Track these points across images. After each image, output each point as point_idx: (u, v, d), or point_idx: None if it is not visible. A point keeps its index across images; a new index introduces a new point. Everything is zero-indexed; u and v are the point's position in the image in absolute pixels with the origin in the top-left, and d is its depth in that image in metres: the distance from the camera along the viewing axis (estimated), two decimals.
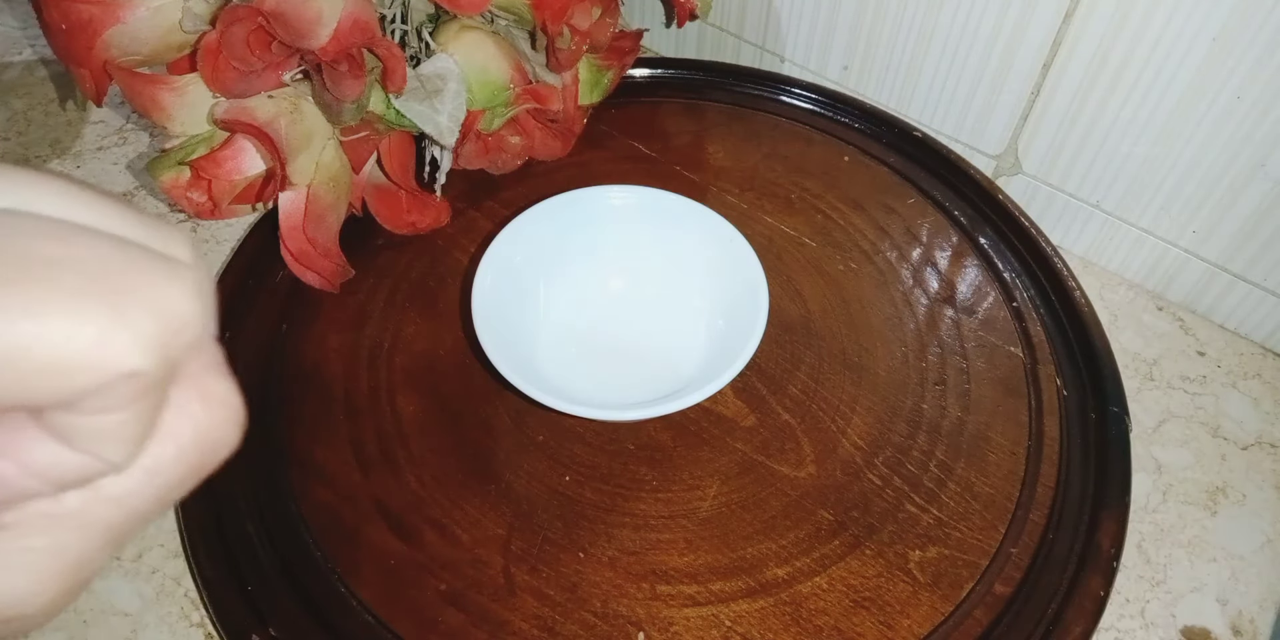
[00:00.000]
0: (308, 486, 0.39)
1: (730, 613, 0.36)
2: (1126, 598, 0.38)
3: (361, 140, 0.43)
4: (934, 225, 0.49)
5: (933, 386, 0.42)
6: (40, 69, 0.60)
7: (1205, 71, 0.40)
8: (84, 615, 0.37)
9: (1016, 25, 0.45)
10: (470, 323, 0.39)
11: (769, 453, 0.40)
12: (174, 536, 0.40)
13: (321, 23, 0.37)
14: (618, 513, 0.38)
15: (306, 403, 0.42)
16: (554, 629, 0.35)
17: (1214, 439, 0.43)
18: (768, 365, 0.43)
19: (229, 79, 0.38)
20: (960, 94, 0.50)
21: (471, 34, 0.42)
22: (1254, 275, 0.45)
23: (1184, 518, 0.40)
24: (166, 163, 0.41)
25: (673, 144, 0.53)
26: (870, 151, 0.52)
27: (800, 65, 0.56)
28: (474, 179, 0.50)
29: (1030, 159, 0.49)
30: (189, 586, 0.38)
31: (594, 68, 0.48)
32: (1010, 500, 0.38)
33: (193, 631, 0.37)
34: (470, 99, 0.42)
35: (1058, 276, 0.45)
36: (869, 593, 0.36)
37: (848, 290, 0.46)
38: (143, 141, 0.56)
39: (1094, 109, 0.45)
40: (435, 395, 0.42)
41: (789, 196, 0.50)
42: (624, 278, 0.45)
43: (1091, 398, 0.41)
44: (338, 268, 0.45)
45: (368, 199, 0.46)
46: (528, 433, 0.41)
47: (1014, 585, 0.36)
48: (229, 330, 0.44)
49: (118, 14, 0.37)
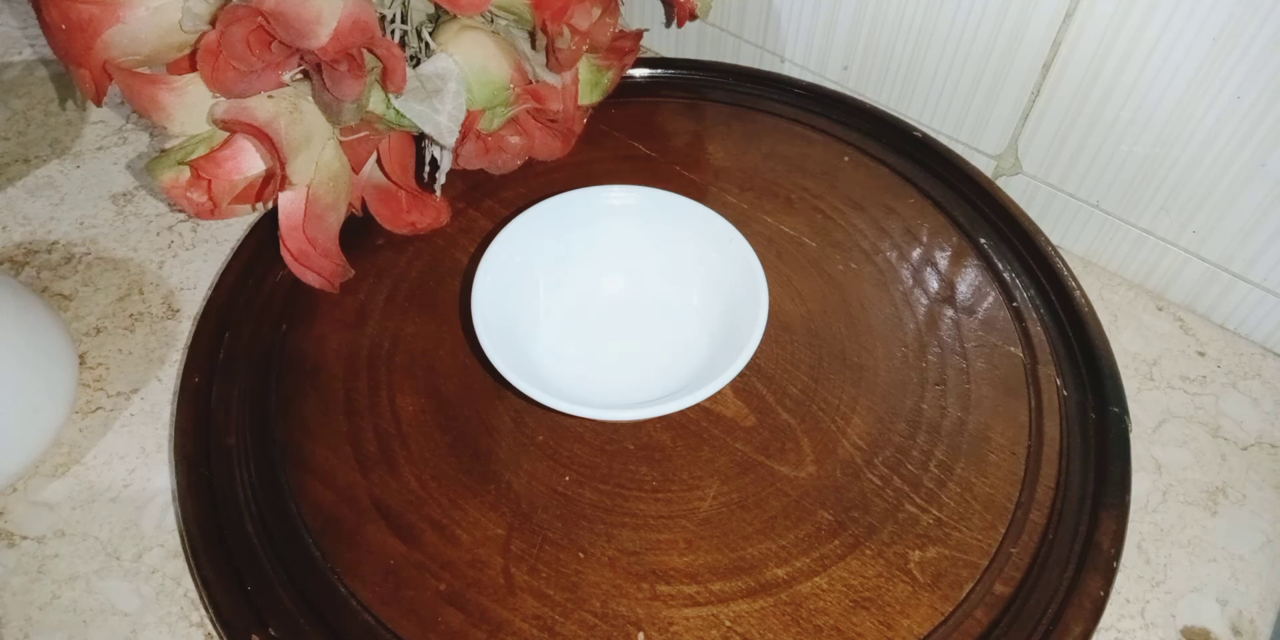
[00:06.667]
0: (308, 486, 0.39)
1: (730, 613, 0.36)
2: (1126, 598, 0.38)
3: (361, 140, 0.43)
4: (934, 225, 0.49)
5: (933, 386, 0.42)
6: (40, 69, 0.60)
7: (1205, 71, 0.40)
8: (84, 615, 0.37)
9: (1016, 25, 0.45)
10: (470, 323, 0.39)
11: (769, 453, 0.40)
12: (174, 536, 0.40)
13: (321, 23, 0.37)
14: (618, 513, 0.38)
15: (306, 403, 0.42)
16: (554, 629, 0.35)
17: (1214, 439, 0.43)
18: (768, 365, 0.43)
19: (229, 79, 0.38)
20: (960, 94, 0.50)
21: (471, 34, 0.42)
22: (1254, 275, 0.45)
23: (1184, 518, 0.40)
24: (166, 163, 0.41)
25: (672, 144, 0.53)
26: (870, 151, 0.52)
27: (800, 65, 0.56)
28: (474, 179, 0.50)
29: (1030, 159, 0.49)
30: (189, 586, 0.38)
31: (594, 68, 0.48)
32: (1010, 500, 0.38)
33: (193, 631, 0.37)
34: (470, 99, 0.42)
35: (1058, 276, 0.45)
36: (869, 593, 0.36)
37: (848, 290, 0.46)
38: (143, 141, 0.56)
39: (1094, 109, 0.45)
40: (435, 395, 0.42)
41: (789, 196, 0.50)
42: (624, 278, 0.45)
43: (1091, 398, 0.41)
44: (338, 268, 0.45)
45: (368, 199, 0.46)
46: (528, 433, 0.41)
47: (1014, 585, 0.36)
48: (229, 330, 0.44)
49: (118, 14, 0.37)
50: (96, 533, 0.40)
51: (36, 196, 0.53)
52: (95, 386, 0.45)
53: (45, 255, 0.50)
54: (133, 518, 0.40)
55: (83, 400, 0.44)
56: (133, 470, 0.42)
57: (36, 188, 0.53)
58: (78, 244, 0.51)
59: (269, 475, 0.39)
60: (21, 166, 0.55)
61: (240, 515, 0.38)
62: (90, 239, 0.51)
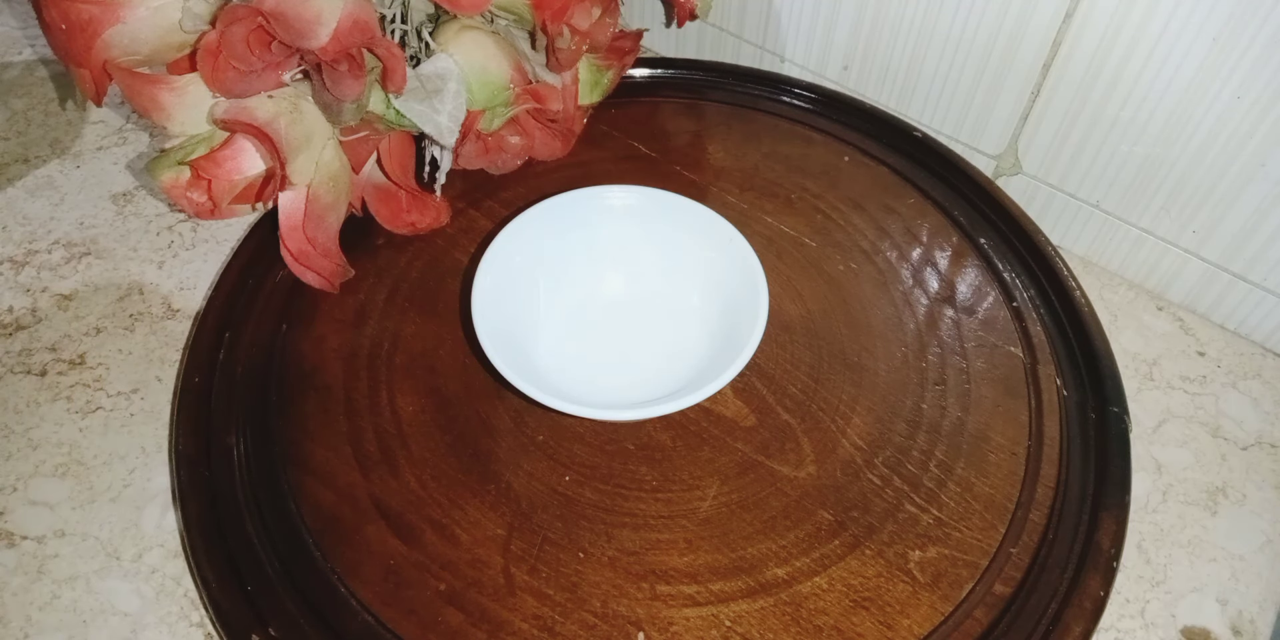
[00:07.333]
0: (308, 486, 0.39)
1: (730, 613, 0.36)
2: (1126, 598, 0.38)
3: (361, 140, 0.43)
4: (934, 225, 0.49)
5: (933, 386, 0.42)
6: (40, 69, 0.60)
7: (1205, 71, 0.40)
8: (84, 615, 0.37)
9: (1016, 25, 0.45)
10: (470, 323, 0.39)
11: (769, 453, 0.40)
12: (174, 536, 0.40)
13: (321, 23, 0.37)
14: (618, 513, 0.38)
15: (306, 403, 0.42)
16: (554, 629, 0.35)
17: (1214, 439, 0.43)
18: (768, 365, 0.43)
19: (229, 79, 0.38)
20: (960, 94, 0.50)
21: (471, 34, 0.42)
22: (1254, 275, 0.45)
23: (1184, 518, 0.40)
24: (166, 163, 0.41)
25: (673, 144, 0.53)
26: (870, 151, 0.52)
27: (800, 65, 0.56)
28: (474, 179, 0.50)
29: (1030, 159, 0.49)
30: (189, 586, 0.38)
31: (594, 68, 0.48)
32: (1010, 500, 0.38)
33: (193, 631, 0.37)
34: (470, 99, 0.42)
35: (1058, 276, 0.45)
36: (869, 593, 0.36)
37: (848, 290, 0.46)
38: (143, 141, 0.56)
39: (1094, 109, 0.45)
40: (435, 395, 0.42)
41: (789, 196, 0.50)
42: (624, 278, 0.45)
43: (1091, 398, 0.41)
44: (338, 268, 0.45)
45: (368, 199, 0.46)
46: (528, 433, 0.41)
47: (1014, 585, 0.36)
48: (229, 330, 0.44)
49: (118, 14, 0.37)
50: (96, 533, 0.40)
51: (36, 196, 0.53)
52: (95, 386, 0.45)
53: (45, 255, 0.50)
54: (133, 518, 0.40)
55: (83, 400, 0.44)
56: (133, 470, 0.42)
57: (36, 188, 0.53)
58: (78, 244, 0.51)
59: (269, 475, 0.39)
60: (21, 166, 0.55)
61: (240, 515, 0.38)
62: (90, 239, 0.51)
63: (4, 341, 0.46)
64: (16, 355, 0.46)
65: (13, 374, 0.45)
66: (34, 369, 0.45)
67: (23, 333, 0.47)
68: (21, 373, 0.45)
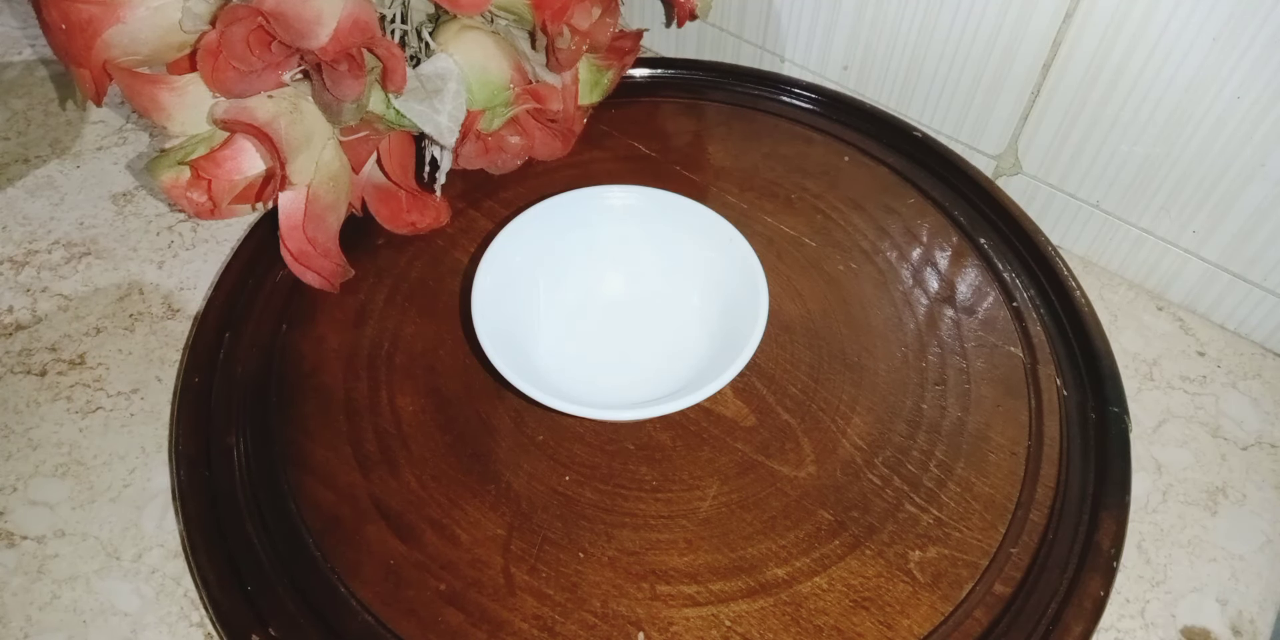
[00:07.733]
0: (308, 486, 0.39)
1: (730, 613, 0.36)
2: (1126, 598, 0.38)
3: (361, 140, 0.43)
4: (934, 225, 0.49)
5: (933, 386, 0.42)
6: (40, 69, 0.60)
7: (1205, 71, 0.40)
8: (84, 615, 0.37)
9: (1016, 25, 0.45)
10: (470, 323, 0.39)
11: (769, 453, 0.40)
12: (174, 536, 0.40)
13: (321, 23, 0.37)
14: (618, 513, 0.38)
15: (306, 403, 0.42)
16: (554, 629, 0.35)
17: (1214, 439, 0.43)
18: (768, 365, 0.43)
19: (229, 79, 0.38)
20: (960, 94, 0.50)
21: (471, 34, 0.42)
22: (1254, 275, 0.45)
23: (1184, 518, 0.40)
24: (166, 163, 0.41)
25: (672, 144, 0.53)
26: (870, 151, 0.52)
27: (800, 65, 0.56)
28: (474, 179, 0.50)
29: (1030, 159, 0.49)
30: (189, 586, 0.38)
31: (594, 68, 0.48)
32: (1010, 500, 0.38)
33: (193, 631, 0.37)
34: (470, 99, 0.42)
35: (1058, 276, 0.45)
36: (869, 593, 0.36)
37: (848, 290, 0.46)
38: (143, 141, 0.56)
39: (1094, 109, 0.45)
40: (435, 395, 0.42)
41: (789, 196, 0.50)
42: (624, 278, 0.45)
43: (1091, 398, 0.41)
44: (338, 268, 0.45)
45: (368, 199, 0.46)
46: (528, 433, 0.41)
47: (1014, 585, 0.36)
48: (229, 330, 0.44)
49: (118, 14, 0.37)
50: (96, 533, 0.40)
51: (36, 196, 0.53)
52: (95, 386, 0.45)
53: (45, 255, 0.50)
54: (133, 518, 0.40)
55: (83, 400, 0.44)
56: (133, 470, 0.42)
57: (36, 188, 0.53)
58: (78, 244, 0.51)
59: (269, 475, 0.39)
60: (21, 166, 0.55)
61: (240, 515, 0.38)
62: (90, 239, 0.51)
63: (4, 341, 0.46)
64: (16, 355, 0.46)
65: (13, 374, 0.45)
66: (34, 369, 0.45)
67: (23, 333, 0.47)
68: (21, 373, 0.45)
